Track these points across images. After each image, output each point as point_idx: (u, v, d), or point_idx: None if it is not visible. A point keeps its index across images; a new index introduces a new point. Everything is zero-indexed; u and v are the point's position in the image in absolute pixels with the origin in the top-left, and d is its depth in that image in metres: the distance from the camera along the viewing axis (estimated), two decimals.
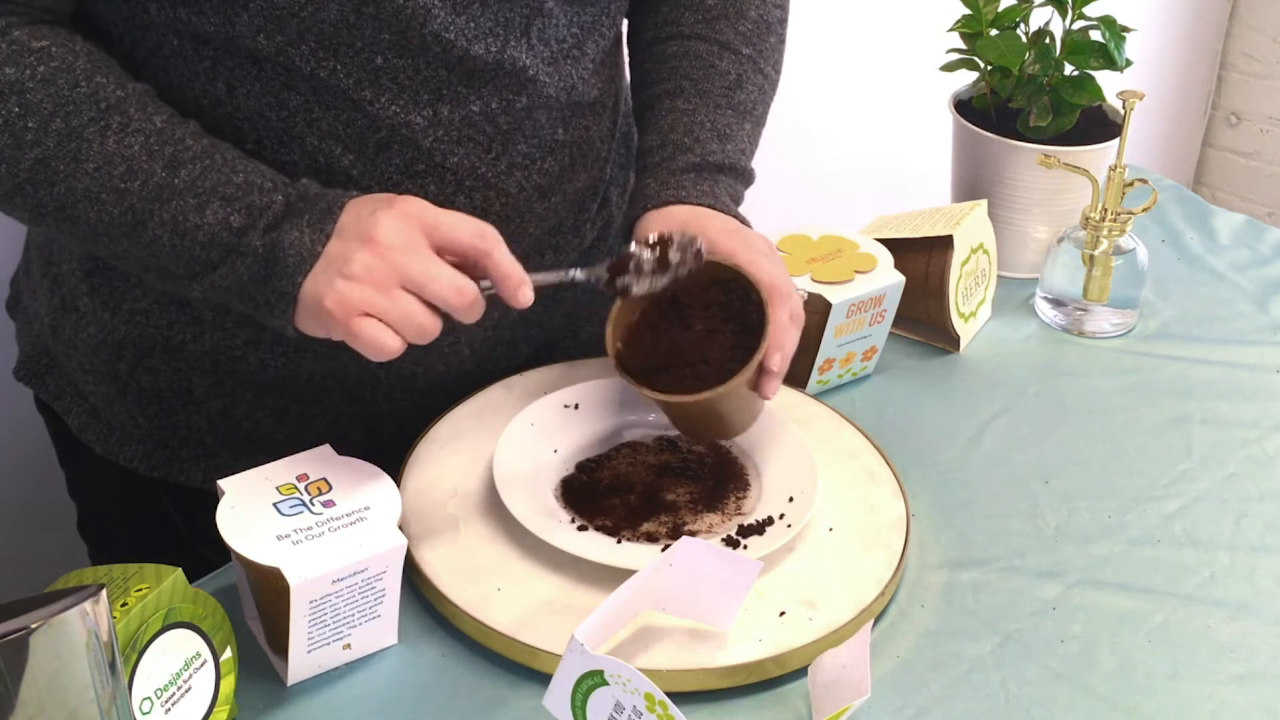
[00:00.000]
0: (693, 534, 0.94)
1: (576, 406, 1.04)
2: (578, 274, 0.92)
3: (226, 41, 0.87)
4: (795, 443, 1.01)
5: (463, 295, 0.83)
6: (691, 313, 0.95)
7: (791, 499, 0.96)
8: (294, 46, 0.86)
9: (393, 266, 0.83)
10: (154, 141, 0.85)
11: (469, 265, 0.86)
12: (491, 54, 0.91)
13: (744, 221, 1.01)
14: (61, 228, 0.87)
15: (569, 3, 0.95)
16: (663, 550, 0.90)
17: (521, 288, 0.86)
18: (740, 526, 0.94)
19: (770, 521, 0.94)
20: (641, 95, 1.08)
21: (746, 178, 1.06)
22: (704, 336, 0.94)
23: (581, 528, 0.94)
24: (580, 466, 1.00)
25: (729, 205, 1.02)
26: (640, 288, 0.92)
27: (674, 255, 0.93)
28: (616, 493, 0.97)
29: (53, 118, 0.83)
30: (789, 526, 0.93)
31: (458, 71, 0.91)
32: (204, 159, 0.86)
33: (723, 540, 0.92)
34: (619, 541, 0.93)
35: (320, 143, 0.91)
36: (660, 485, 0.99)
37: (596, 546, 0.91)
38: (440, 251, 0.84)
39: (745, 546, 0.92)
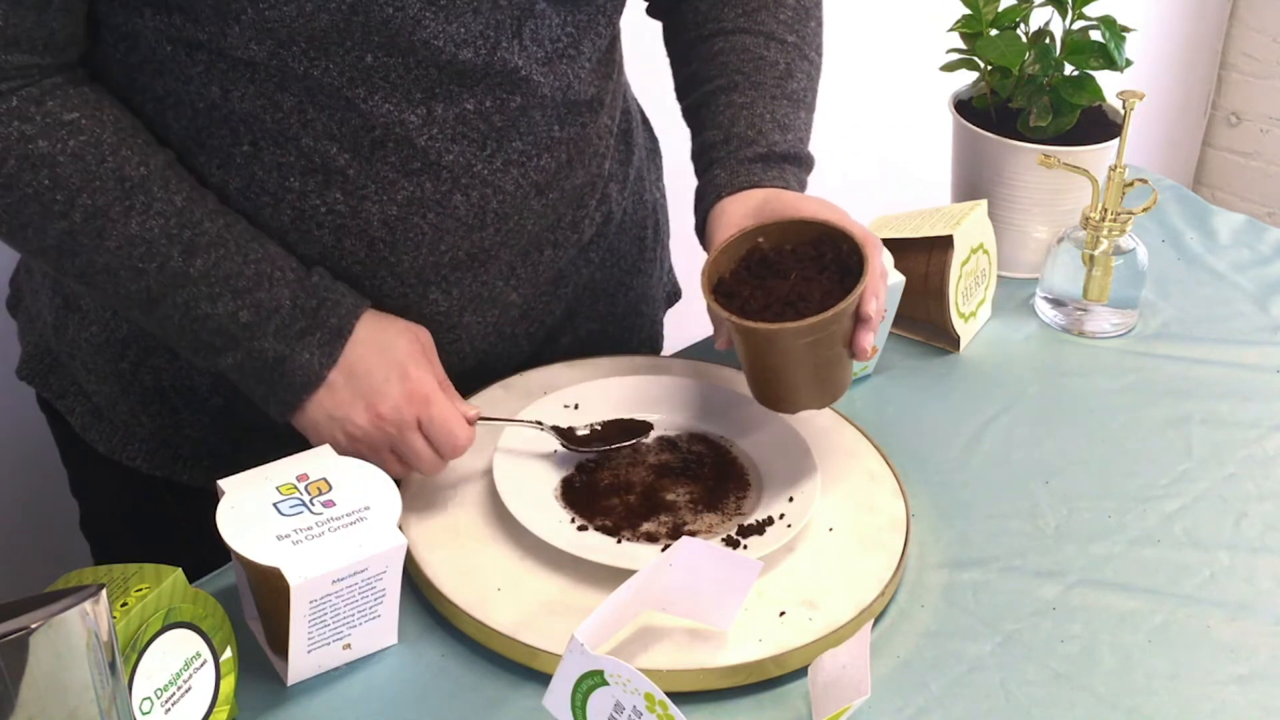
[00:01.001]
0: (693, 534, 0.94)
1: (576, 406, 1.04)
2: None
3: (218, 48, 0.87)
4: (795, 443, 1.01)
5: (435, 468, 0.94)
6: (786, 264, 0.95)
7: (791, 499, 0.96)
8: (285, 49, 0.87)
9: (386, 439, 0.93)
10: (173, 224, 0.89)
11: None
12: (480, 57, 0.91)
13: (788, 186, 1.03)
14: (78, 288, 0.93)
15: (561, 3, 0.95)
16: (662, 550, 0.90)
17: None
18: (740, 526, 0.94)
19: (770, 521, 0.94)
20: (693, 94, 1.09)
21: (809, 164, 1.08)
22: (801, 282, 0.94)
23: (581, 528, 0.94)
24: (580, 467, 1.00)
25: (796, 190, 1.04)
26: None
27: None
28: (616, 493, 0.97)
29: (79, 193, 0.87)
30: (789, 526, 0.93)
31: (448, 71, 0.91)
32: (219, 247, 0.91)
33: (723, 540, 0.92)
34: (619, 541, 0.93)
35: (315, 143, 0.91)
36: (660, 485, 0.99)
37: (596, 546, 0.91)
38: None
39: (745, 546, 0.92)
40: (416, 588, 0.92)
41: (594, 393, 1.05)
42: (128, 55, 0.90)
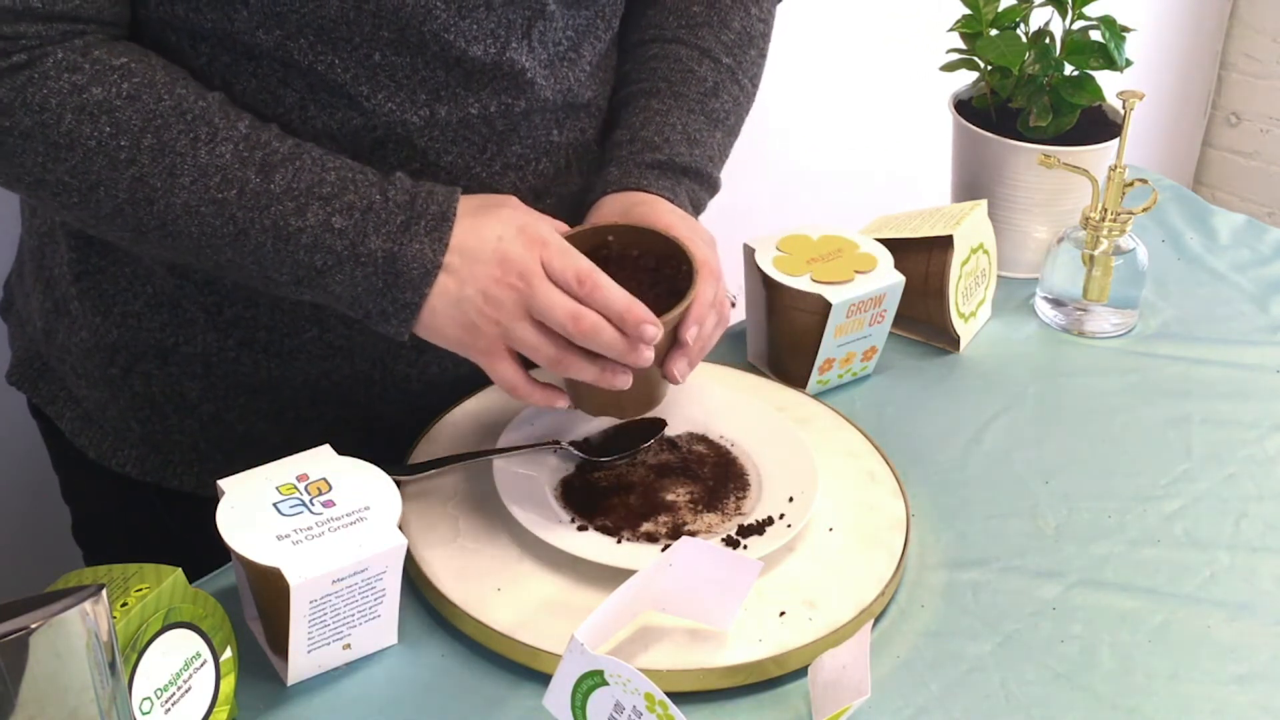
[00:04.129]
0: (692, 534, 0.94)
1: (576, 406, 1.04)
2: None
3: (224, 37, 0.87)
4: (795, 443, 1.01)
5: (580, 320, 0.85)
6: (624, 270, 0.93)
7: (791, 499, 0.96)
8: (292, 40, 0.87)
9: (520, 298, 0.86)
10: (243, 148, 0.86)
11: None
12: (490, 55, 0.91)
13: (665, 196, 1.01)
14: (164, 244, 0.88)
15: (568, 5, 0.95)
16: (662, 550, 0.90)
17: (642, 327, 0.85)
18: (740, 527, 0.94)
19: (770, 521, 0.94)
20: (619, 93, 1.08)
21: (712, 186, 1.06)
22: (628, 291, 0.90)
23: (581, 528, 0.94)
24: (580, 467, 1.00)
25: (686, 205, 1.01)
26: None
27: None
28: (616, 493, 0.97)
29: (143, 134, 0.84)
30: (789, 526, 0.93)
31: (456, 73, 0.91)
32: (294, 160, 0.87)
33: (722, 540, 0.92)
34: (619, 541, 0.93)
35: (315, 141, 0.91)
36: (660, 485, 0.99)
37: (596, 546, 0.91)
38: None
39: (745, 546, 0.92)
40: (416, 588, 0.92)
41: None
42: None
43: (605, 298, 0.85)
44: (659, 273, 0.94)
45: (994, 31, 1.29)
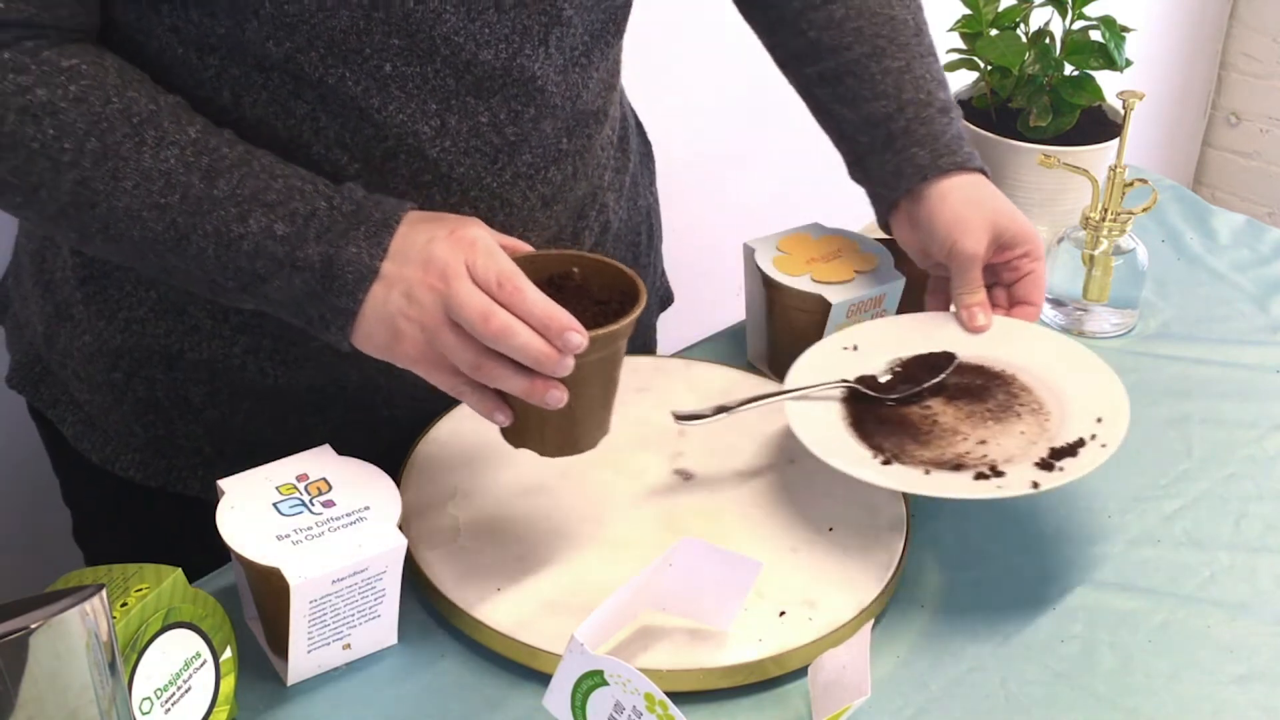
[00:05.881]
0: (995, 466, 0.93)
1: (855, 348, 1.05)
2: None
3: (234, 48, 0.86)
4: (1090, 362, 1.02)
5: (492, 323, 0.80)
6: (579, 303, 0.87)
7: (1100, 419, 0.96)
8: (303, 53, 0.86)
9: (439, 299, 0.82)
10: (189, 153, 0.84)
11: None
12: (500, 60, 0.90)
13: (982, 169, 1.08)
14: (108, 248, 0.86)
15: (585, 11, 0.95)
16: (974, 479, 0.92)
17: (566, 334, 0.80)
18: (1051, 449, 0.94)
19: (1081, 443, 0.94)
20: (824, 62, 1.08)
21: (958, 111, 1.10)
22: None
23: (886, 462, 0.94)
24: (869, 404, 0.99)
25: (975, 155, 1.07)
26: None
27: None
28: (913, 427, 0.98)
29: (87, 137, 0.83)
30: (1103, 446, 0.93)
31: (466, 79, 0.90)
32: (241, 167, 0.85)
33: (1035, 464, 0.93)
34: (926, 473, 0.93)
35: (327, 151, 0.90)
36: (953, 417, 0.99)
37: (906, 479, 0.92)
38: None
39: (1061, 469, 0.92)
40: (416, 588, 0.92)
41: (873, 334, 1.06)
42: (135, 57, 0.88)
43: (525, 302, 0.80)
44: (607, 306, 0.88)
45: (994, 31, 1.29)
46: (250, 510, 0.84)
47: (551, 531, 0.95)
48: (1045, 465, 0.93)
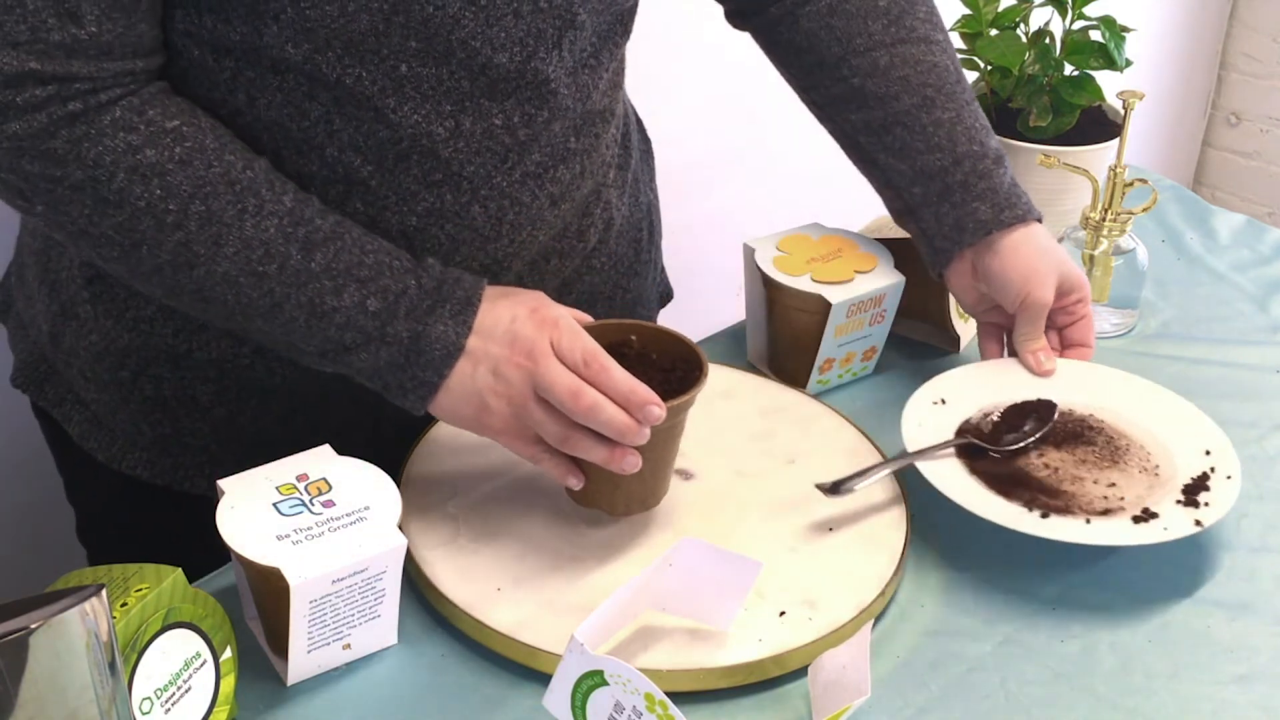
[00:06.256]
0: (1147, 510, 0.95)
1: (943, 401, 1.06)
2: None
3: (250, 51, 0.87)
4: (1165, 397, 1.06)
5: (582, 399, 0.86)
6: (635, 372, 0.90)
7: (1209, 451, 1.00)
8: (320, 54, 0.86)
9: (527, 378, 0.87)
10: (287, 223, 0.87)
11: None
12: (515, 63, 0.91)
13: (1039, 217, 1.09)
14: (196, 306, 0.89)
15: (596, 14, 0.95)
16: (1133, 521, 0.94)
17: (647, 408, 0.86)
18: (1185, 487, 0.97)
19: (1205, 477, 0.98)
20: (872, 112, 1.09)
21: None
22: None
23: (1044, 515, 0.95)
24: (983, 458, 1.01)
25: (1032, 204, 1.09)
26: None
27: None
28: (1041, 477, 1.00)
29: (192, 200, 0.85)
30: (1228, 478, 0.97)
31: (480, 82, 0.90)
32: (335, 240, 0.88)
33: (1177, 501, 0.96)
34: (1087, 522, 0.95)
35: (340, 154, 0.91)
36: (1070, 463, 1.01)
37: (1073, 530, 0.94)
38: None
39: (1207, 504, 0.95)
40: (416, 588, 0.92)
41: (954, 386, 1.07)
42: None
43: (610, 379, 0.86)
44: (671, 374, 0.94)
45: (994, 31, 1.29)
46: (250, 510, 0.84)
47: (551, 531, 0.95)
48: (1190, 502, 0.96)
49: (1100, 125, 1.31)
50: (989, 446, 1.01)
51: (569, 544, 0.93)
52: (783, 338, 1.14)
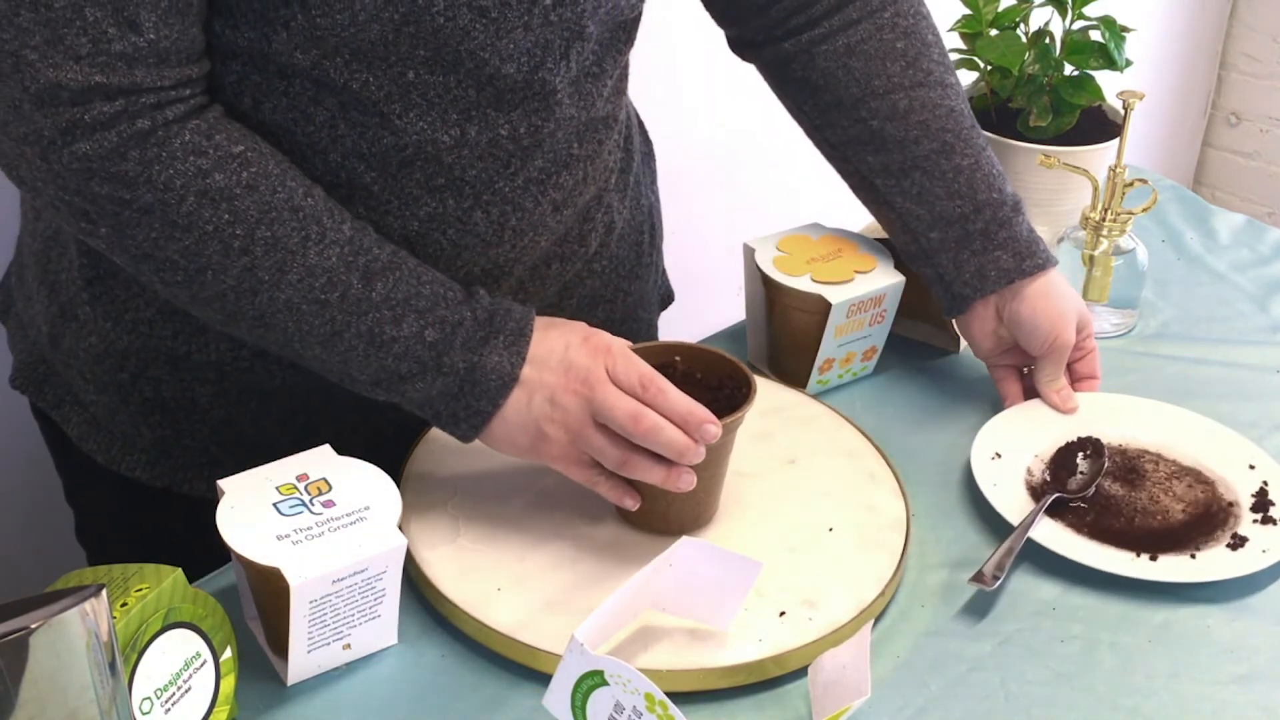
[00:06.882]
0: (1239, 534, 0.98)
1: (999, 455, 1.06)
2: None
3: (257, 56, 0.86)
4: (1199, 424, 1.09)
5: (640, 421, 0.87)
6: (688, 389, 0.93)
7: (1252, 466, 1.04)
8: (328, 60, 0.86)
9: (584, 405, 0.89)
10: (348, 252, 0.88)
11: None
12: (522, 73, 0.91)
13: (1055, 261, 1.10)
14: (255, 332, 0.89)
15: (602, 25, 0.95)
16: (1228, 546, 0.97)
17: (704, 427, 0.88)
18: (1254, 504, 1.01)
19: (1266, 490, 1.02)
20: (891, 155, 1.09)
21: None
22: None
23: (1153, 558, 0.97)
24: (1061, 508, 1.02)
25: (1049, 251, 1.10)
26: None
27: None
28: (1124, 517, 1.01)
29: (258, 225, 0.85)
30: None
31: (487, 92, 0.90)
32: (393, 270, 0.89)
33: (1255, 522, 0.99)
34: (1192, 556, 0.97)
35: (344, 159, 0.91)
36: (1144, 498, 1.03)
37: (1181, 569, 0.96)
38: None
39: (1276, 521, 0.99)
40: (416, 588, 0.92)
41: (998, 438, 1.07)
42: None
43: (668, 401, 0.88)
44: (719, 392, 0.95)
45: (994, 31, 1.29)
46: (250, 510, 0.84)
47: (551, 531, 0.95)
48: (1267, 520, 0.99)
49: (1100, 125, 1.31)
50: (1070, 495, 1.02)
51: (569, 544, 0.93)
52: (783, 338, 1.14)
